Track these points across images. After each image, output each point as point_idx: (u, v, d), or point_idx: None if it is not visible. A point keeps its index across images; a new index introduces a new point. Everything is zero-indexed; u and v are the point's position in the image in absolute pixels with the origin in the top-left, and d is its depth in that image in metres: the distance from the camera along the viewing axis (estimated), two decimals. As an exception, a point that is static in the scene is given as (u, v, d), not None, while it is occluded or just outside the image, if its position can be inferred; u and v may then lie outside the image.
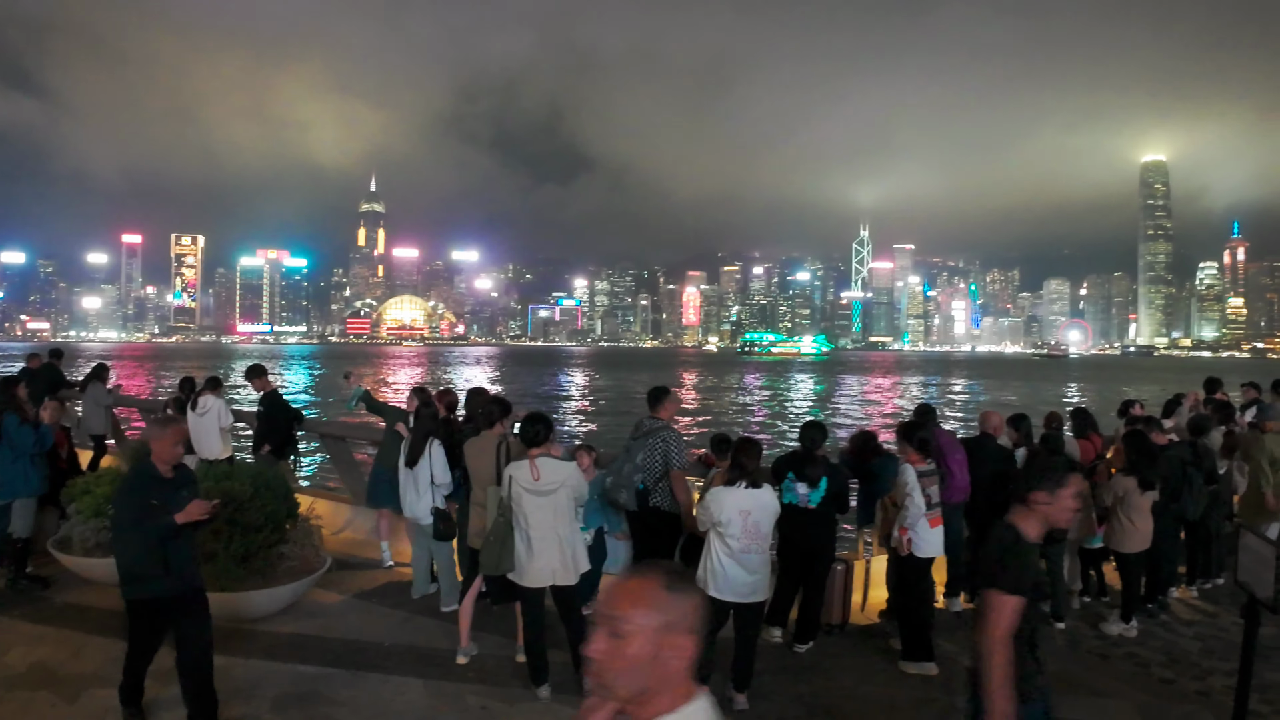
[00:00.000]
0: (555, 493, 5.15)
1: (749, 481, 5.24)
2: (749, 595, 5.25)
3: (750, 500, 5.19)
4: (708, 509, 5.27)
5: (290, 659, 6.00)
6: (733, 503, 5.19)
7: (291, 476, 9.76)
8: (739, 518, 5.15)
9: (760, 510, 5.24)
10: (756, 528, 5.19)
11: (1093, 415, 8.71)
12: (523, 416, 5.57)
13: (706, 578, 5.28)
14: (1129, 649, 6.66)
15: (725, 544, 5.19)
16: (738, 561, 5.17)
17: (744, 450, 5.30)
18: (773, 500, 5.40)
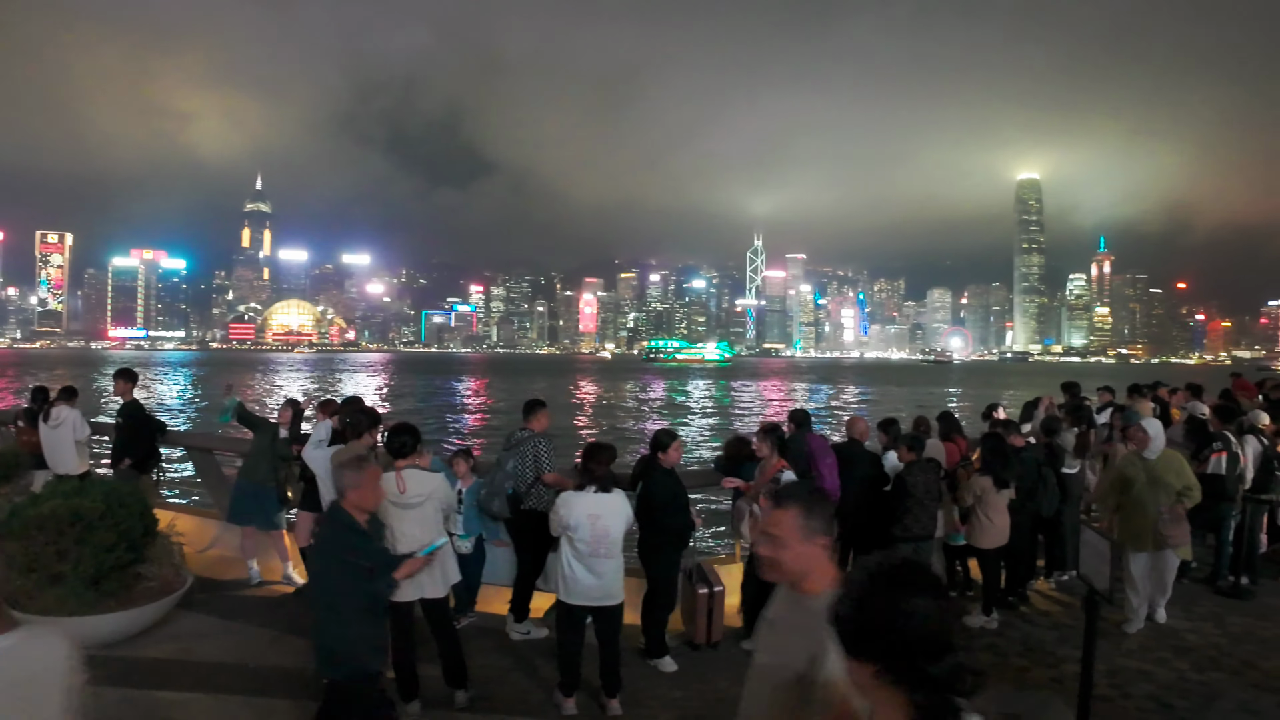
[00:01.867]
0: (422, 505, 5.06)
1: (598, 486, 5.26)
2: (602, 599, 5.26)
3: (599, 505, 5.20)
4: (557, 513, 5.28)
5: (147, 685, 5.67)
6: (581, 507, 5.20)
7: (154, 491, 9.28)
8: (587, 522, 5.16)
9: (610, 515, 5.23)
10: (605, 532, 5.18)
11: (957, 419, 9.14)
12: (389, 427, 5.47)
13: (558, 582, 5.32)
14: (989, 640, 6.98)
15: (574, 548, 5.20)
16: (586, 566, 5.18)
17: (593, 455, 5.32)
18: (623, 505, 5.40)
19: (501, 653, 6.40)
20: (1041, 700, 5.79)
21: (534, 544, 6.62)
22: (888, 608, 1.65)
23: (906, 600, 1.65)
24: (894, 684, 1.64)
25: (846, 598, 1.72)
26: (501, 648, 6.51)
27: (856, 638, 1.68)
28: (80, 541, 6.00)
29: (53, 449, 8.99)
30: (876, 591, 1.68)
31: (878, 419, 8.87)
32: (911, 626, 1.63)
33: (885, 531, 7.39)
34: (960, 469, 7.91)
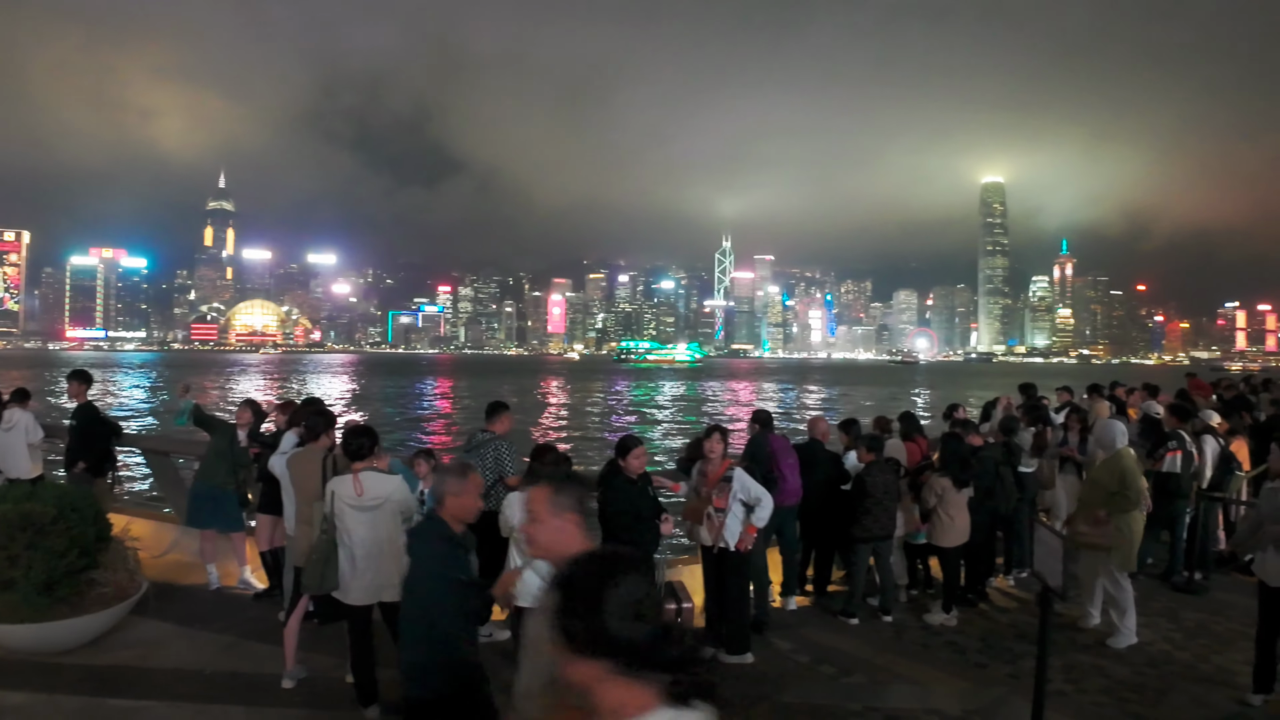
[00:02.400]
0: (380, 507, 5.00)
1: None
2: None
3: None
4: (504, 514, 5.25)
5: (101, 693, 5.58)
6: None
7: (109, 496, 9.10)
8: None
9: None
10: None
11: (917, 419, 9.24)
12: (346, 429, 5.40)
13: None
14: (949, 637, 7.05)
15: (521, 549, 5.17)
16: (533, 568, 5.14)
17: (538, 456, 5.30)
18: None
19: (463, 656, 6.36)
20: (999, 697, 5.86)
21: (493, 546, 6.58)
22: (600, 601, 1.64)
23: (615, 588, 1.65)
24: (626, 674, 1.63)
25: (562, 605, 1.68)
26: (464, 651, 6.47)
27: (582, 639, 1.64)
28: (32, 547, 5.88)
29: (5, 452, 8.80)
30: (591, 589, 1.66)
31: (846, 419, 8.94)
32: (628, 613, 1.63)
33: (845, 531, 7.47)
34: (923, 470, 8.00)
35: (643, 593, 1.68)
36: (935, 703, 5.75)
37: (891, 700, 5.78)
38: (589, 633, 1.63)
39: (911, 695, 5.87)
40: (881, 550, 7.49)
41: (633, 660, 1.62)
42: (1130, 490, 6.97)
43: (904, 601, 7.93)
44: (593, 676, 1.65)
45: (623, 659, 1.62)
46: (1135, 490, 7.00)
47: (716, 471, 6.60)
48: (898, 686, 6.03)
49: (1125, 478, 7.00)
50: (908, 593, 8.16)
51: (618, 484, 6.19)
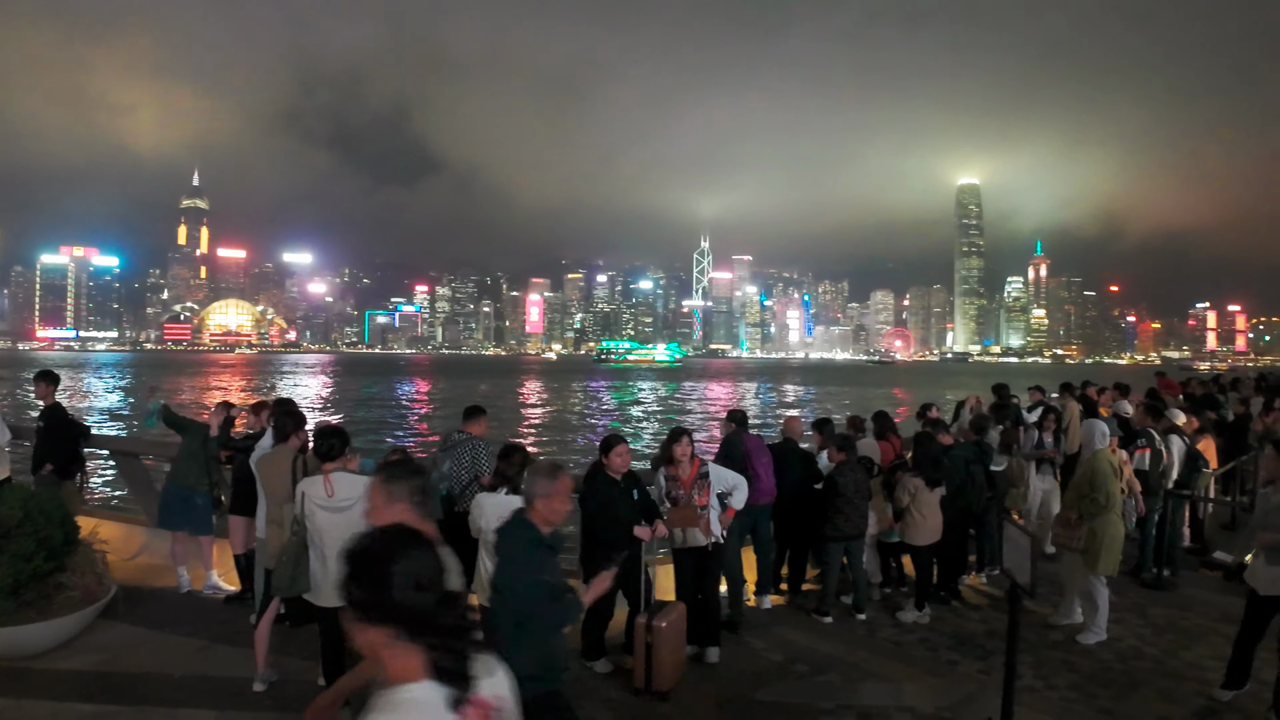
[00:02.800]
0: (351, 508, 4.95)
1: (510, 487, 5.19)
2: None
3: (510, 507, 5.08)
4: (471, 515, 5.23)
5: (69, 698, 5.52)
6: (493, 509, 5.13)
7: (77, 498, 8.97)
8: (498, 524, 5.08)
9: None
10: None
11: (891, 418, 9.32)
12: (317, 429, 5.36)
13: (477, 585, 5.26)
14: (922, 634, 7.12)
15: (489, 550, 5.10)
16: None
17: (505, 456, 5.28)
18: None
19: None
20: (970, 693, 5.91)
21: (467, 546, 6.55)
22: (387, 573, 1.79)
23: (400, 561, 1.81)
24: (409, 640, 1.79)
25: (349, 575, 1.83)
26: (437, 652, 6.44)
27: (369, 607, 1.79)
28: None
29: (-30, 455, 8.65)
30: (378, 559, 1.82)
31: (820, 419, 9.00)
32: (410, 584, 1.79)
33: (817, 530, 7.52)
34: (897, 469, 8.06)
35: (425, 566, 1.84)
36: (907, 700, 5.80)
37: (864, 698, 5.82)
38: (372, 601, 1.80)
39: (884, 693, 5.92)
40: (854, 549, 7.54)
41: (411, 627, 1.79)
42: (1099, 493, 7.00)
43: (877, 600, 7.99)
44: (377, 642, 1.81)
45: (403, 626, 1.78)
46: (1105, 493, 7.01)
47: (691, 472, 6.57)
48: (870, 684, 6.07)
49: (1095, 479, 7.05)
50: (881, 591, 8.22)
51: (598, 483, 6.09)
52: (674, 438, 6.76)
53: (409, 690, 1.78)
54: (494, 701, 1.93)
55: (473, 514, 5.23)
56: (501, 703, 1.98)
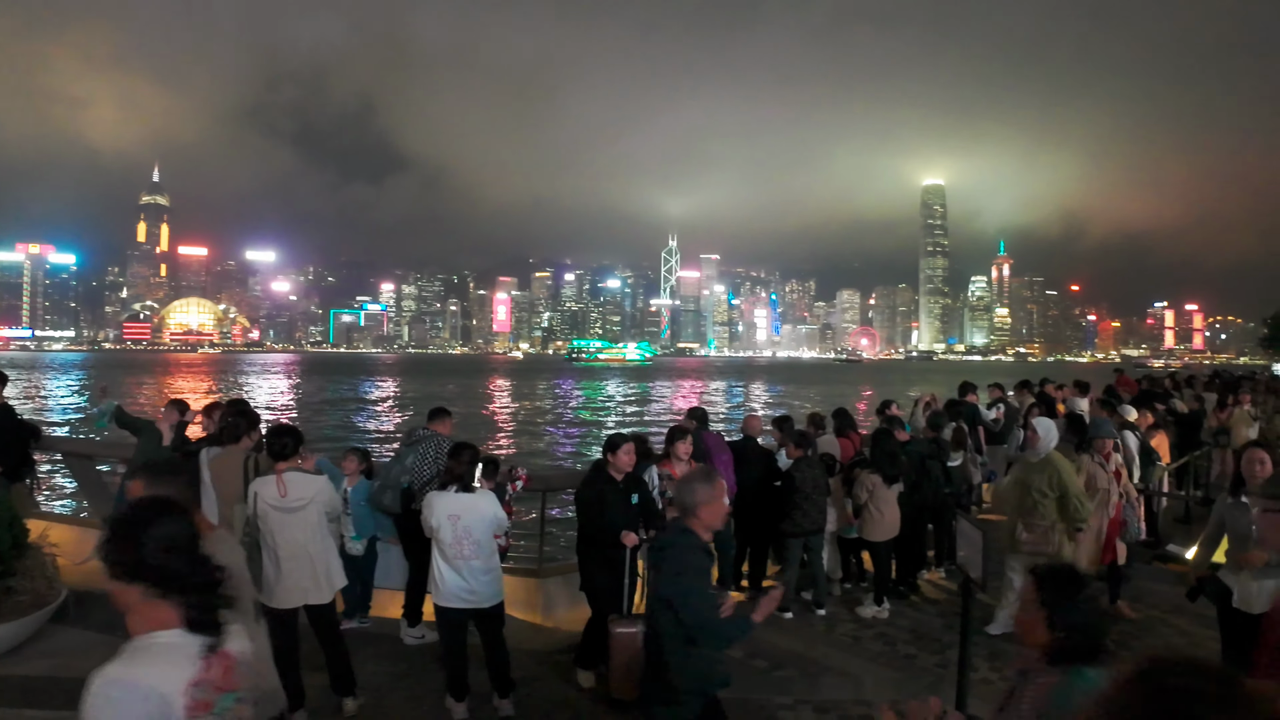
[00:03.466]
0: (304, 509, 4.91)
1: (460, 486, 5.17)
2: (474, 602, 5.15)
3: (460, 505, 5.10)
4: (424, 515, 5.21)
5: (20, 704, 5.40)
6: (442, 507, 5.10)
7: (27, 501, 8.78)
8: (448, 522, 5.06)
9: (471, 515, 5.12)
10: (467, 532, 5.07)
11: (851, 415, 9.40)
12: (270, 428, 5.30)
13: (432, 586, 5.23)
14: (880, 629, 7.19)
15: (440, 549, 5.12)
16: (452, 567, 5.08)
17: (454, 456, 5.25)
18: (489, 506, 5.27)
19: (394, 659, 6.28)
20: (927, 686, 5.98)
21: (425, 545, 6.52)
22: (141, 537, 2.05)
23: (154, 527, 2.07)
24: (161, 596, 2.04)
25: (108, 537, 2.09)
26: (395, 653, 6.39)
27: (123, 566, 2.03)
28: (-59, 555, 5.65)
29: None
30: (132, 524, 2.09)
31: (780, 416, 9.05)
32: (161, 547, 2.05)
33: (777, 526, 7.56)
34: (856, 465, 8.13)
35: (177, 532, 2.10)
36: (865, 694, 5.85)
37: (823, 692, 5.86)
38: (127, 561, 2.04)
39: (842, 687, 5.97)
40: (813, 545, 7.59)
41: (163, 585, 2.04)
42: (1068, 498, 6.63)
43: (837, 595, 8.06)
44: (131, 598, 2.05)
45: (155, 584, 2.04)
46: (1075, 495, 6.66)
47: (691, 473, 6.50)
48: (829, 679, 6.12)
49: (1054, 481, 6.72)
50: (841, 586, 8.29)
51: (596, 481, 5.82)
52: (675, 437, 6.65)
53: (160, 636, 2.04)
54: (237, 655, 2.16)
55: (424, 513, 5.18)
56: (243, 656, 2.20)
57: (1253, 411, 12.99)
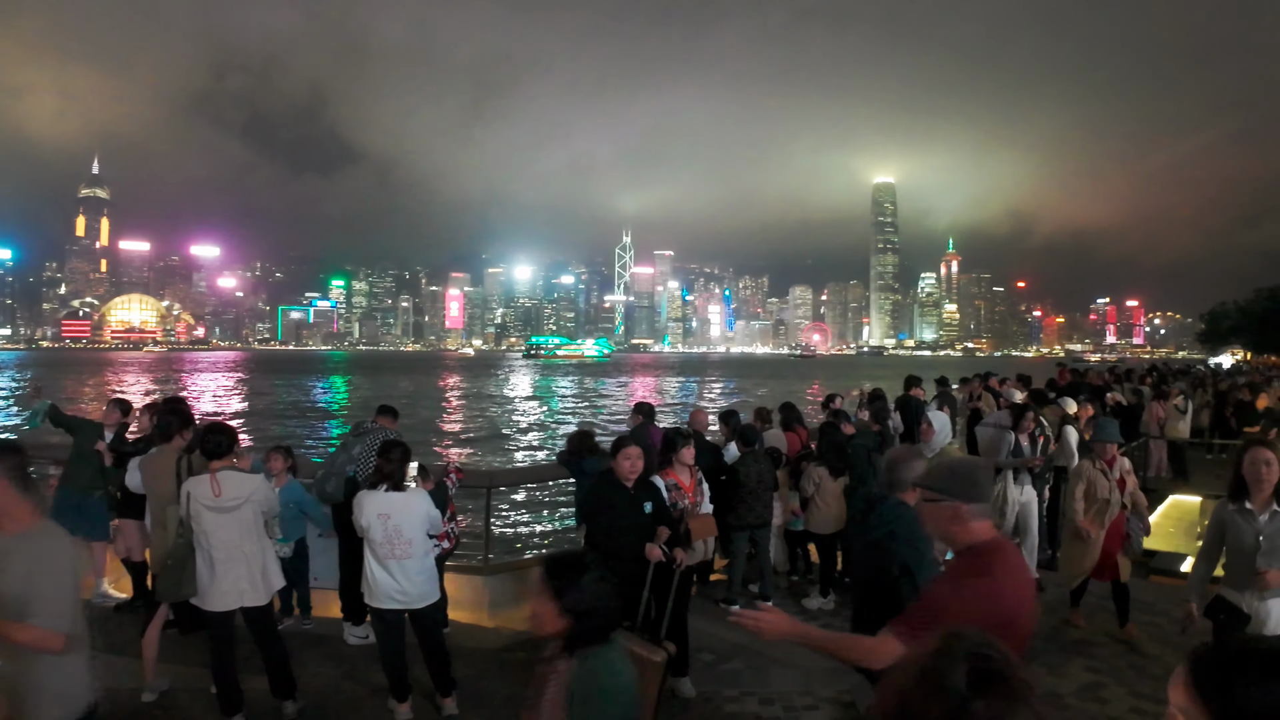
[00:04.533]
0: (240, 508, 4.79)
1: (391, 485, 5.09)
2: (407, 602, 5.09)
3: (389, 504, 5.02)
4: (355, 513, 5.13)
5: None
6: (372, 506, 5.02)
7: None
8: (378, 521, 4.98)
9: (401, 514, 5.04)
10: (398, 532, 5.00)
11: (798, 409, 9.48)
12: (204, 427, 5.17)
13: (365, 586, 5.14)
14: (826, 620, 7.25)
15: (371, 549, 5.04)
16: (383, 566, 5.01)
17: (385, 452, 5.17)
18: (420, 504, 5.19)
19: (336, 660, 6.17)
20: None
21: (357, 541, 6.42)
22: None
23: None
24: None
25: None
26: (336, 654, 6.27)
27: None
28: None
29: None
30: None
31: (726, 411, 9.09)
32: None
33: (721, 520, 7.59)
34: (803, 459, 8.20)
35: None
36: (810, 685, 5.89)
37: (768, 685, 5.90)
38: None
39: (787, 679, 6.00)
40: (760, 538, 7.63)
41: None
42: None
43: (783, 587, 8.12)
44: None
45: None
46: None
47: (692, 480, 6.20)
48: (775, 671, 6.15)
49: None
50: (788, 578, 8.36)
51: (604, 489, 5.31)
52: (677, 443, 6.22)
53: None
54: None
55: (355, 512, 5.09)
56: None
57: (1180, 404, 13.39)
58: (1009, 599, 2.57)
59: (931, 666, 1.34)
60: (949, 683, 1.30)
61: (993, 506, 9.10)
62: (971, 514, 2.70)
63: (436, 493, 6.03)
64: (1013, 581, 2.64)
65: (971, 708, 1.27)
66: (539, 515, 16.01)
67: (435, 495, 5.87)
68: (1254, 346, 64.92)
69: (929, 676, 1.32)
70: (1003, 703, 1.28)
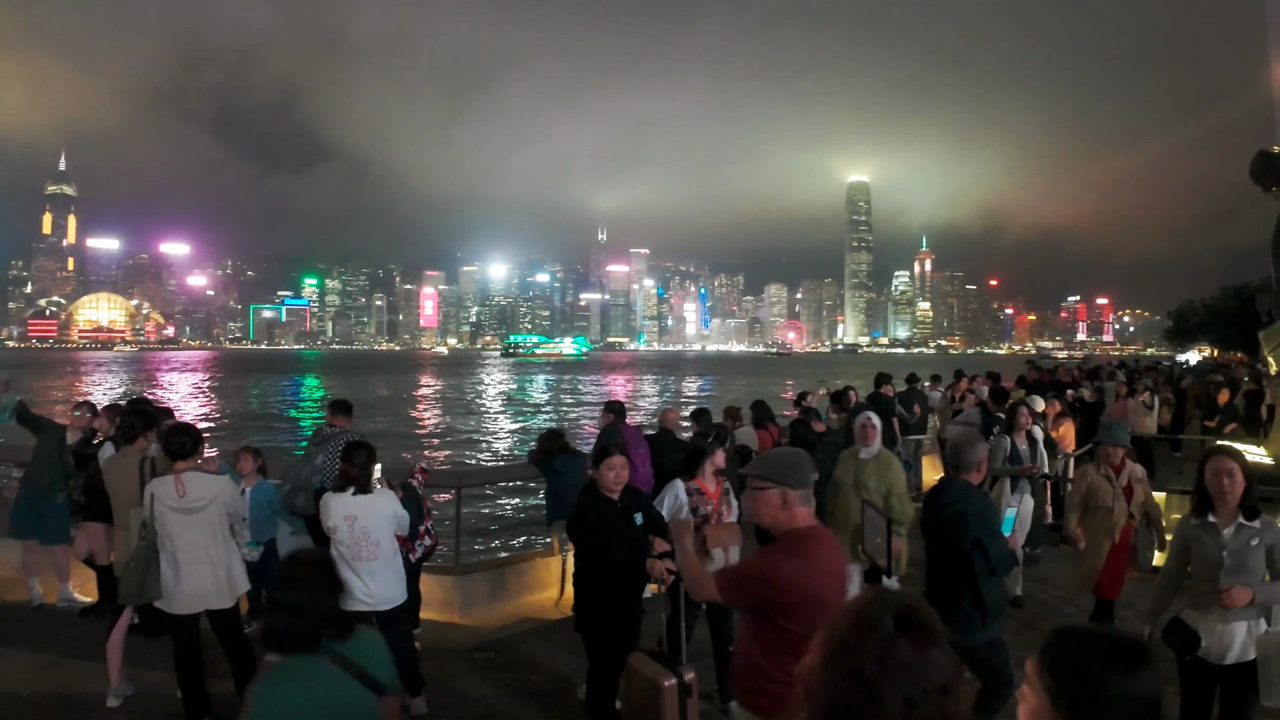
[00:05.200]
0: (204, 509, 4.74)
1: (358, 487, 5.04)
2: (374, 604, 5.01)
3: (357, 506, 4.97)
4: (320, 515, 5.09)
5: None
6: (339, 509, 4.97)
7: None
8: (345, 524, 4.93)
9: (369, 516, 4.99)
10: (365, 534, 4.95)
11: (769, 407, 9.53)
12: (167, 428, 5.12)
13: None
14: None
15: (338, 551, 4.97)
16: (350, 568, 5.00)
17: (348, 456, 5.13)
18: (388, 506, 5.15)
19: (306, 661, 6.12)
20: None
21: None
22: None
23: None
24: None
25: None
26: (307, 656, 6.24)
27: None
28: None
29: None
30: None
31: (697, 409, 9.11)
32: None
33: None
34: None
35: None
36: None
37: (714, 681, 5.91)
38: None
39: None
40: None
41: None
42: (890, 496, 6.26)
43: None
44: None
45: None
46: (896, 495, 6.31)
47: (718, 487, 5.85)
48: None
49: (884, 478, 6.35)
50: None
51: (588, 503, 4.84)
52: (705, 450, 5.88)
53: None
54: None
55: (321, 515, 5.05)
56: None
57: (1147, 401, 13.60)
58: (818, 581, 2.85)
59: (865, 612, 1.59)
60: (879, 625, 1.55)
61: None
62: (796, 500, 2.95)
63: (409, 495, 6.01)
64: (825, 566, 2.93)
65: (897, 645, 1.53)
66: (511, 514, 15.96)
67: (409, 497, 5.86)
68: (1220, 343, 65.89)
69: (863, 619, 1.58)
70: (922, 642, 1.55)
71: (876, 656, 1.52)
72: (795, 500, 2.93)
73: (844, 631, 1.60)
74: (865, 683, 1.51)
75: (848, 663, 1.55)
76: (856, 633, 1.57)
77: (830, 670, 1.56)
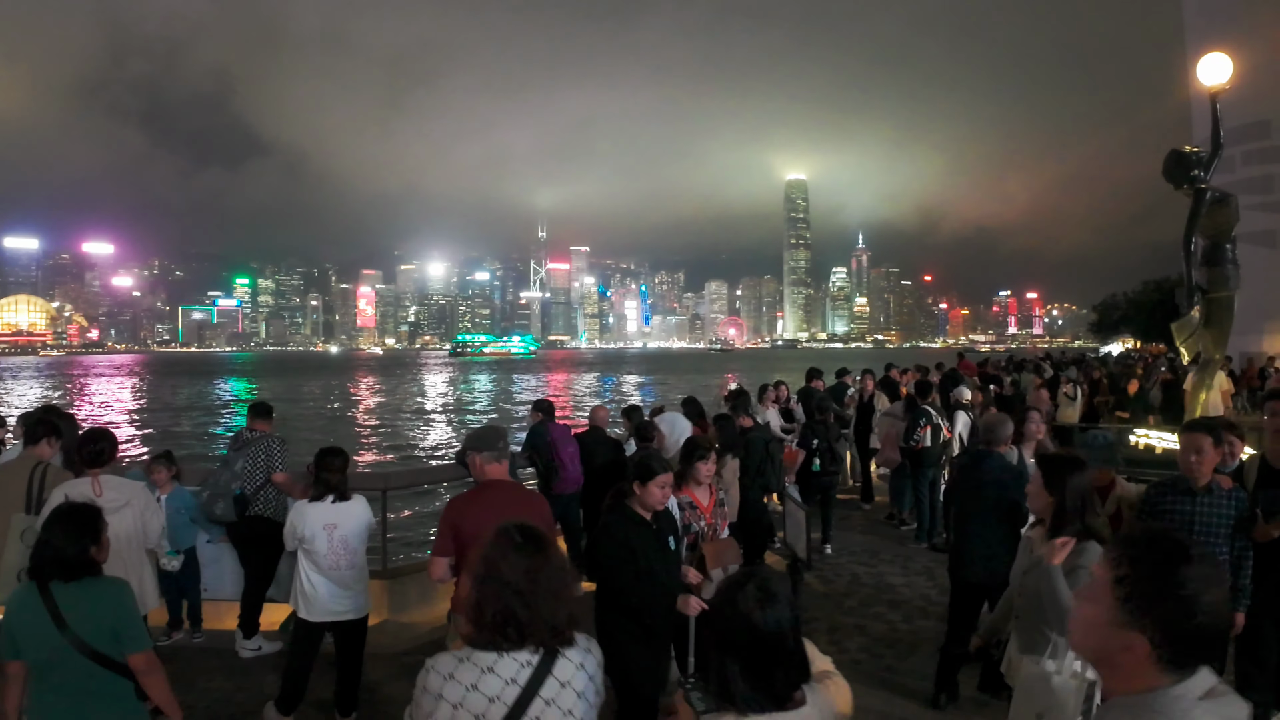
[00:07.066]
0: (120, 511, 4.53)
1: (336, 495, 4.95)
2: (346, 613, 4.97)
3: (336, 514, 4.90)
4: (291, 525, 4.94)
5: None
6: (317, 517, 4.87)
7: None
8: (324, 533, 4.84)
9: (348, 523, 4.93)
10: (344, 542, 4.88)
11: (700, 403, 9.57)
12: (83, 434, 4.92)
13: (298, 600, 4.96)
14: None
15: (313, 561, 4.88)
16: (327, 578, 4.88)
17: (325, 464, 5.01)
18: (362, 511, 5.07)
19: (227, 673, 5.93)
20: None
21: (261, 552, 6.22)
22: None
23: None
24: None
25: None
26: (229, 667, 6.04)
27: None
28: None
29: None
30: None
31: (628, 407, 9.13)
32: None
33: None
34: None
35: None
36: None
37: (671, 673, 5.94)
38: None
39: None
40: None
41: None
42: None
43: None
44: None
45: None
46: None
47: (711, 498, 5.38)
48: (674, 661, 6.20)
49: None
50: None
51: (618, 523, 4.10)
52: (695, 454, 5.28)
53: None
54: None
55: (292, 524, 4.89)
56: None
57: (1070, 391, 14.03)
58: (474, 516, 3.84)
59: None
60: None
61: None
62: (484, 460, 4.09)
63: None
64: (481, 506, 3.94)
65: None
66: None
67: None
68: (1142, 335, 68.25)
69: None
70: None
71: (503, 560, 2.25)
72: (482, 461, 4.10)
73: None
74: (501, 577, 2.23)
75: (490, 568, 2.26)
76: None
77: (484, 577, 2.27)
